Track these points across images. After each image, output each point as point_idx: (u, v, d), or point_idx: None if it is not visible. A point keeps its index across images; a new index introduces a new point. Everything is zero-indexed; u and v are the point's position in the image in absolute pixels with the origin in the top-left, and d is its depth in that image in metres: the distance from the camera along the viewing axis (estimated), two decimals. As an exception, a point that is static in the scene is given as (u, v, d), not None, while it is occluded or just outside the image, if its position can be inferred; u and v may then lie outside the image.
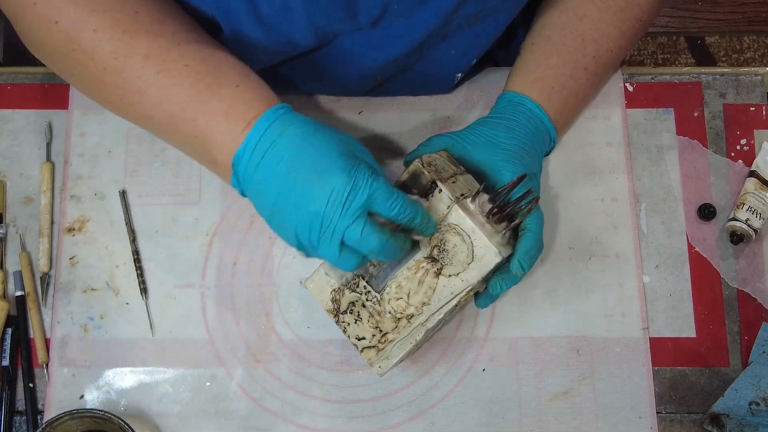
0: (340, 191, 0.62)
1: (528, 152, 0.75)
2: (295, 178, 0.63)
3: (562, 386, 0.79)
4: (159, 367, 0.80)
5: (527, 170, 0.73)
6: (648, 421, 0.79)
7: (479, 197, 0.70)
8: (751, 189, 0.84)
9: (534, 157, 0.76)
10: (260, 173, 0.65)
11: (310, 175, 0.63)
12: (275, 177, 0.64)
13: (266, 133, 0.65)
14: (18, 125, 0.87)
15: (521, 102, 0.77)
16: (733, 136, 0.87)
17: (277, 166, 0.64)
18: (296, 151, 0.64)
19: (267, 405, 0.79)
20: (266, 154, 0.64)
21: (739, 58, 1.73)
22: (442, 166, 0.72)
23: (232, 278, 0.83)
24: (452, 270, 0.69)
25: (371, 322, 0.71)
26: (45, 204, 0.84)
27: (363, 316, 0.72)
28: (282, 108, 0.67)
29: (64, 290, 0.82)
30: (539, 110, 0.77)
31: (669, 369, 0.81)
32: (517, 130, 0.76)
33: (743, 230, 0.82)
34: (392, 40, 0.75)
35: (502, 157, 0.74)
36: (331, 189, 0.62)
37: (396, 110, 0.87)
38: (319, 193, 0.62)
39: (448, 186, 0.69)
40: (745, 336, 0.81)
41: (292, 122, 0.66)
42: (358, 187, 0.63)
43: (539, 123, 0.77)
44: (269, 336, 0.81)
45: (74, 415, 0.74)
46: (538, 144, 0.77)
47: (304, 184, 0.63)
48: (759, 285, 0.82)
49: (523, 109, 0.77)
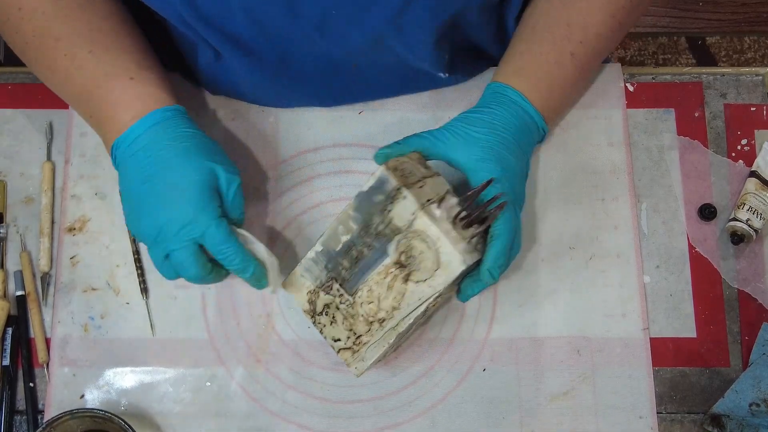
0: (180, 219, 0.69)
1: (508, 148, 0.74)
2: (152, 187, 0.70)
3: (562, 386, 0.79)
4: (159, 366, 0.80)
5: (505, 168, 0.73)
6: (648, 422, 0.79)
7: (446, 201, 0.69)
8: (752, 189, 0.83)
9: (515, 152, 0.75)
10: (129, 166, 0.72)
11: (165, 191, 0.70)
12: (137, 176, 0.71)
13: (146, 132, 0.71)
14: (19, 125, 0.87)
15: (503, 92, 0.76)
16: (734, 137, 0.87)
17: (143, 168, 0.71)
18: (163, 163, 0.71)
19: (267, 405, 0.79)
20: (138, 152, 0.71)
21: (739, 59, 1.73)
22: (410, 169, 0.71)
23: (233, 278, 0.82)
24: (420, 276, 0.69)
25: (345, 325, 0.73)
26: (45, 204, 0.84)
27: (338, 319, 0.73)
28: (171, 111, 0.73)
29: (64, 290, 0.82)
30: (522, 100, 0.76)
31: (669, 369, 0.81)
32: (496, 124, 0.75)
33: (744, 230, 0.82)
34: (337, 40, 0.75)
35: (478, 155, 0.73)
36: (175, 213, 0.69)
37: (396, 110, 0.87)
38: (164, 212, 0.70)
39: (413, 191, 0.69)
40: (745, 336, 0.81)
41: (173, 130, 0.72)
42: (199, 223, 0.69)
43: (523, 113, 0.76)
44: (270, 336, 0.81)
45: (75, 414, 0.74)
46: (523, 136, 0.76)
47: (157, 197, 0.70)
48: (759, 285, 0.82)
49: (505, 100, 0.76)
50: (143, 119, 0.72)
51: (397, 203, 0.69)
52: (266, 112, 0.87)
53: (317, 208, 0.84)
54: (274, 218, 0.84)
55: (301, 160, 0.86)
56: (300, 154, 0.86)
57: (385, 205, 0.69)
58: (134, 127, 0.72)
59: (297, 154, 0.86)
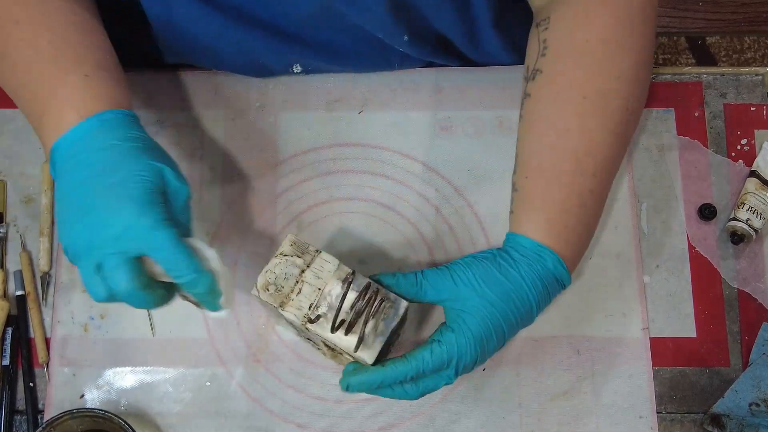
0: (120, 222, 0.60)
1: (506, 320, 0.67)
2: (90, 189, 0.61)
3: (562, 386, 0.79)
4: (159, 366, 0.80)
5: (483, 342, 0.67)
6: (648, 421, 0.78)
7: (321, 313, 0.68)
8: (752, 189, 0.83)
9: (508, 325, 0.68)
10: (68, 169, 0.63)
11: (104, 191, 0.61)
12: (75, 178, 0.62)
13: (91, 133, 0.64)
14: (19, 125, 0.87)
15: (540, 255, 0.68)
16: (734, 136, 0.87)
17: (82, 169, 0.62)
18: (105, 163, 0.62)
19: (267, 405, 0.79)
20: (80, 153, 0.63)
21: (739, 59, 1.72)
22: (285, 271, 0.70)
23: (233, 278, 0.83)
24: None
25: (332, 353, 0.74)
26: (45, 203, 0.84)
27: (324, 350, 0.74)
28: (121, 114, 0.66)
29: (64, 290, 0.82)
30: (560, 266, 0.68)
31: (669, 369, 0.81)
32: (515, 298, 0.67)
33: (744, 230, 0.82)
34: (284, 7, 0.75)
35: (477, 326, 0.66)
36: (114, 216, 0.60)
37: (396, 110, 0.87)
38: (101, 213, 0.60)
39: (289, 310, 0.68)
40: (745, 336, 0.81)
41: (122, 131, 0.64)
42: (142, 225, 0.60)
43: (552, 283, 0.68)
44: (269, 336, 0.81)
45: (74, 414, 0.74)
46: (534, 306, 0.69)
47: (94, 198, 0.61)
48: (759, 285, 0.82)
49: (538, 268, 0.68)
50: (90, 119, 0.64)
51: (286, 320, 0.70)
52: (266, 111, 0.87)
53: (317, 208, 0.84)
54: (274, 218, 0.84)
55: (301, 160, 0.86)
56: (300, 154, 0.86)
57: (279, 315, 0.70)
58: (78, 127, 0.64)
59: (297, 154, 0.86)
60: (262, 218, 0.84)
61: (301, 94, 0.88)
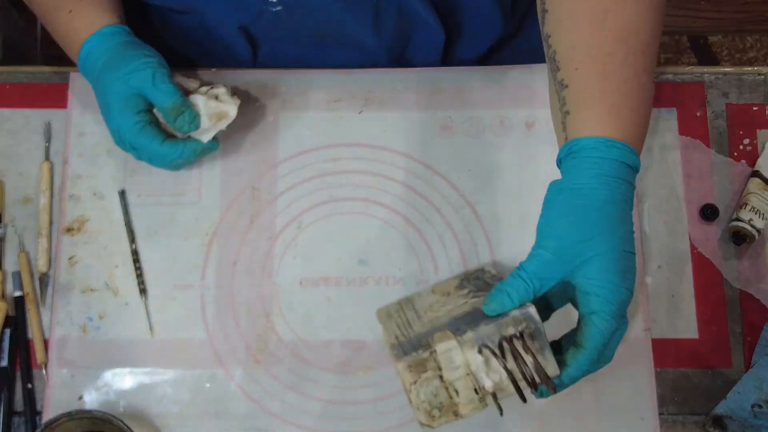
0: (118, 99, 0.77)
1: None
2: (100, 88, 0.79)
3: (563, 387, 0.79)
4: (158, 367, 0.80)
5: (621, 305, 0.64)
6: (650, 423, 0.78)
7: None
8: (754, 189, 0.83)
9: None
10: (90, 64, 0.80)
11: (106, 92, 0.78)
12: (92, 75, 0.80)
13: (88, 56, 0.80)
14: (17, 125, 0.87)
15: (611, 150, 0.64)
16: (736, 136, 0.87)
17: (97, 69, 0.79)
18: (100, 84, 0.79)
19: (267, 406, 0.79)
20: (92, 55, 0.80)
21: (742, 58, 1.72)
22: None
23: (232, 278, 0.82)
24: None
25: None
26: (44, 204, 0.84)
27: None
28: (104, 32, 0.79)
29: (63, 290, 0.82)
30: (633, 156, 0.65)
31: (671, 370, 0.80)
32: (618, 234, 0.64)
33: (746, 231, 0.82)
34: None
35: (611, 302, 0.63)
36: (114, 98, 0.77)
37: (396, 110, 0.87)
38: (110, 101, 0.78)
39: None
40: (747, 337, 0.81)
41: (104, 52, 0.79)
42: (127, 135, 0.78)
43: (631, 175, 0.66)
44: (269, 336, 0.81)
45: (73, 416, 0.74)
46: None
47: (103, 100, 0.79)
48: (762, 286, 0.82)
49: (613, 171, 0.64)
50: (88, 39, 0.79)
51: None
52: (266, 111, 0.87)
53: (317, 208, 0.84)
54: (274, 218, 0.84)
55: (301, 160, 0.86)
56: (300, 154, 0.86)
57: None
58: (91, 37, 0.79)
59: (297, 154, 0.86)
60: (262, 218, 0.84)
61: (301, 94, 0.88)
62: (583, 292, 0.64)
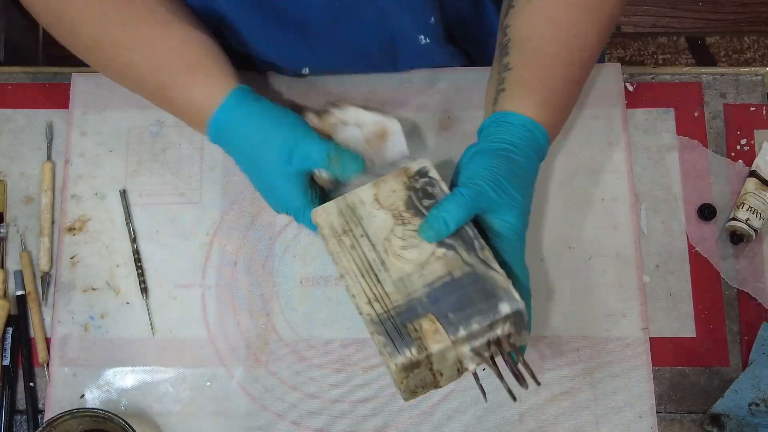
0: (285, 210, 0.75)
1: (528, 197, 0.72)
2: (255, 178, 0.75)
3: (562, 386, 0.79)
4: (159, 366, 0.80)
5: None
6: (648, 421, 0.79)
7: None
8: (752, 189, 0.84)
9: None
10: (234, 139, 0.75)
11: (265, 183, 0.75)
12: (243, 164, 0.76)
13: (228, 121, 0.74)
14: (19, 125, 0.87)
15: (533, 133, 0.72)
16: (734, 136, 0.87)
17: (241, 159, 0.75)
18: (252, 153, 0.74)
19: (267, 404, 0.79)
20: (231, 143, 0.75)
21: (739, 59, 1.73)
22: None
23: (233, 278, 0.83)
24: None
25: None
26: (46, 203, 0.84)
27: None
28: (242, 91, 0.74)
29: (64, 289, 0.82)
30: (547, 143, 0.73)
31: (669, 369, 0.81)
32: (527, 177, 0.72)
33: (743, 230, 0.82)
34: None
35: (517, 223, 0.71)
36: (277, 207, 0.76)
37: (396, 110, 0.87)
38: (273, 204, 0.76)
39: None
40: (745, 336, 0.81)
41: (248, 115, 0.74)
42: (299, 206, 0.74)
43: (541, 158, 0.73)
44: (270, 335, 0.81)
45: (75, 414, 0.74)
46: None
47: (262, 188, 0.75)
48: (759, 285, 0.82)
49: (536, 148, 0.72)
50: (217, 113, 0.74)
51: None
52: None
53: (317, 208, 0.84)
54: (275, 218, 0.84)
55: (301, 160, 0.86)
56: (300, 154, 0.86)
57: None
58: (214, 120, 0.74)
59: (297, 153, 0.86)
60: (262, 218, 0.84)
61: (301, 94, 0.88)
62: (501, 236, 0.70)
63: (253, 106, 0.74)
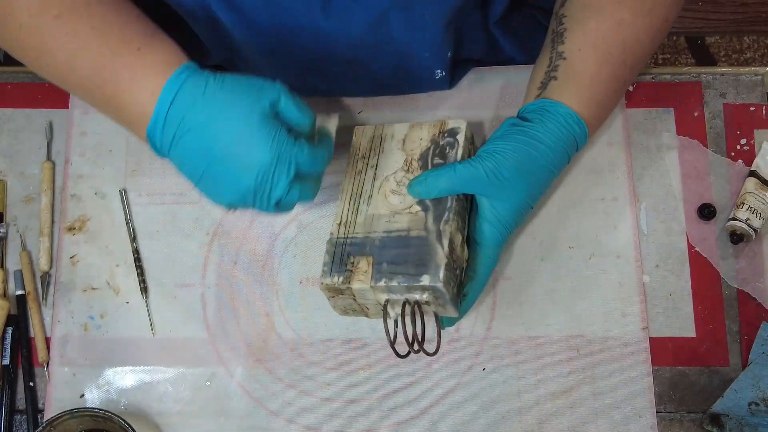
0: (266, 167, 0.63)
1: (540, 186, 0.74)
2: (217, 155, 0.63)
3: (562, 386, 0.79)
4: (159, 366, 0.80)
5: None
6: (648, 421, 0.79)
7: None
8: (751, 189, 0.84)
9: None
10: (178, 149, 0.65)
11: (233, 150, 0.63)
12: (195, 153, 0.64)
13: (174, 105, 0.64)
14: (18, 124, 0.87)
15: (575, 126, 0.73)
16: (733, 136, 0.87)
17: (196, 142, 0.64)
18: (212, 124, 0.63)
19: (267, 404, 0.79)
20: (179, 129, 0.64)
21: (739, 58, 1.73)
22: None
23: (233, 277, 0.83)
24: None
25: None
26: (45, 203, 0.84)
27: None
28: (185, 70, 0.65)
29: (64, 289, 0.82)
30: (584, 137, 0.74)
31: (669, 368, 0.81)
32: (544, 165, 0.72)
33: (743, 230, 0.82)
34: (340, 17, 0.74)
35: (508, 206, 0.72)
36: (258, 167, 0.63)
37: (396, 110, 0.87)
38: (247, 173, 0.63)
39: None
40: (745, 335, 0.81)
41: (200, 87, 0.64)
42: (283, 159, 0.63)
43: (572, 152, 0.74)
44: (269, 335, 0.81)
45: (74, 414, 0.74)
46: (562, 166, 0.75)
47: (229, 162, 0.63)
48: (759, 285, 0.83)
49: (569, 139, 0.73)
50: (163, 93, 0.64)
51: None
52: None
53: (317, 208, 0.84)
54: (274, 218, 0.84)
55: (301, 160, 0.86)
56: (300, 154, 0.86)
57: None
58: (159, 108, 0.64)
59: (297, 153, 0.86)
60: (262, 217, 0.84)
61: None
62: (484, 219, 0.72)
63: (211, 74, 0.65)
